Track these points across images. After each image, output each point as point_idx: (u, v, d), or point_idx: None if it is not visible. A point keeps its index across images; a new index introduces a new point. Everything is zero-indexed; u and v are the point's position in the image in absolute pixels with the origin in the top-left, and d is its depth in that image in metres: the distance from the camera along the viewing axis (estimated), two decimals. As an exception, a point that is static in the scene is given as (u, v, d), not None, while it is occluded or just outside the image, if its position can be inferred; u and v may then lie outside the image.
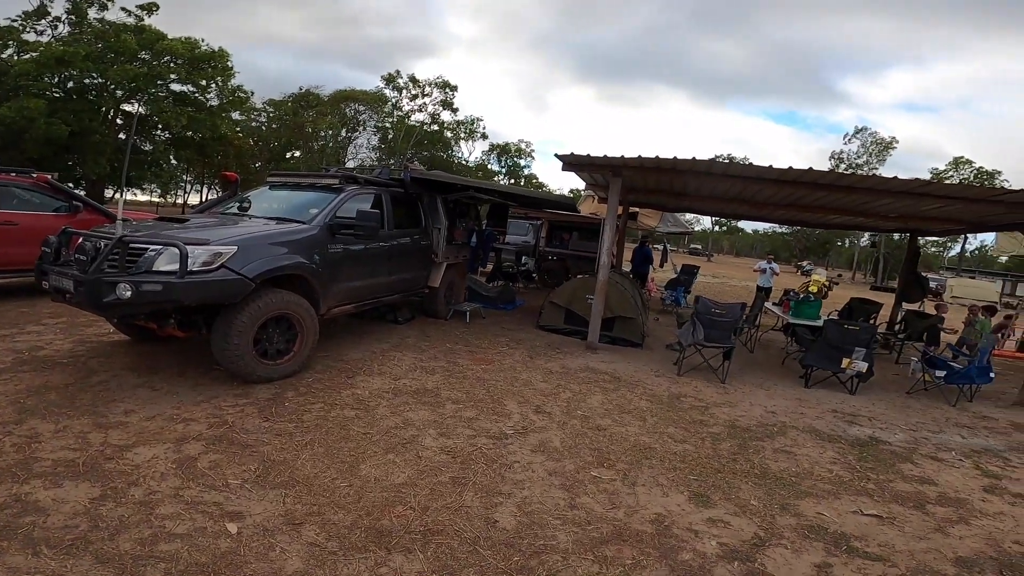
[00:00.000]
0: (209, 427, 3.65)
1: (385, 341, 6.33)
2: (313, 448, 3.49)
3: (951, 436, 5.02)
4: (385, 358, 5.66)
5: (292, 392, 4.39)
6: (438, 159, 48.54)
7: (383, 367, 5.36)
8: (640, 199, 10.87)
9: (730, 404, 5.42)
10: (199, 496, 2.85)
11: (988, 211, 6.44)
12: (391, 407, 4.35)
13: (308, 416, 3.97)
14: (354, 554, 2.52)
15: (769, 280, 13.10)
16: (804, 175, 5.98)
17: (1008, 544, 3.09)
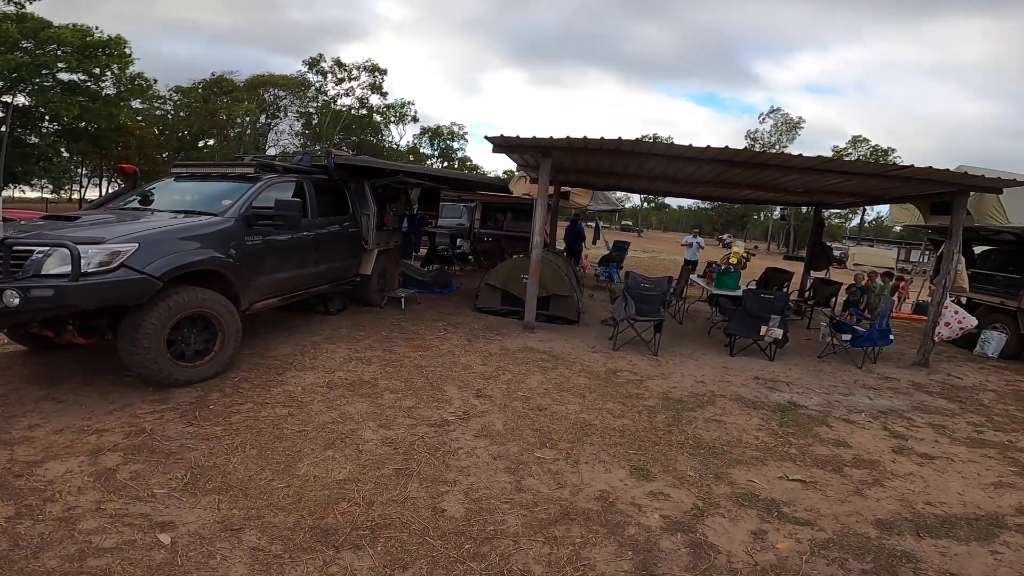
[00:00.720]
0: (126, 436, 3.40)
1: (317, 333, 6.09)
2: (245, 450, 3.33)
3: (860, 398, 5.48)
4: (317, 351, 5.45)
5: (217, 394, 4.15)
6: (368, 144, 47.30)
7: (316, 361, 5.16)
8: (571, 179, 11.00)
9: (663, 376, 5.66)
10: (124, 508, 2.68)
11: (882, 185, 7.03)
12: (326, 402, 4.20)
13: (237, 418, 3.78)
14: (300, 555, 2.45)
15: (695, 253, 13.75)
16: (721, 153, 6.26)
17: (921, 506, 3.35)
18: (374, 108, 48.90)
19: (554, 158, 7.90)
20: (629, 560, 2.61)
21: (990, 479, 3.79)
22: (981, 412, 5.34)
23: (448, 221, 14.25)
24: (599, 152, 7.14)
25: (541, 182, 7.12)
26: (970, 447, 4.38)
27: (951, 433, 4.67)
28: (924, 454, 4.16)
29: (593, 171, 9.38)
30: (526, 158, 8.12)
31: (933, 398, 5.71)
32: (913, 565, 2.71)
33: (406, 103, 52.34)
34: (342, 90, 45.63)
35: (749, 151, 6.10)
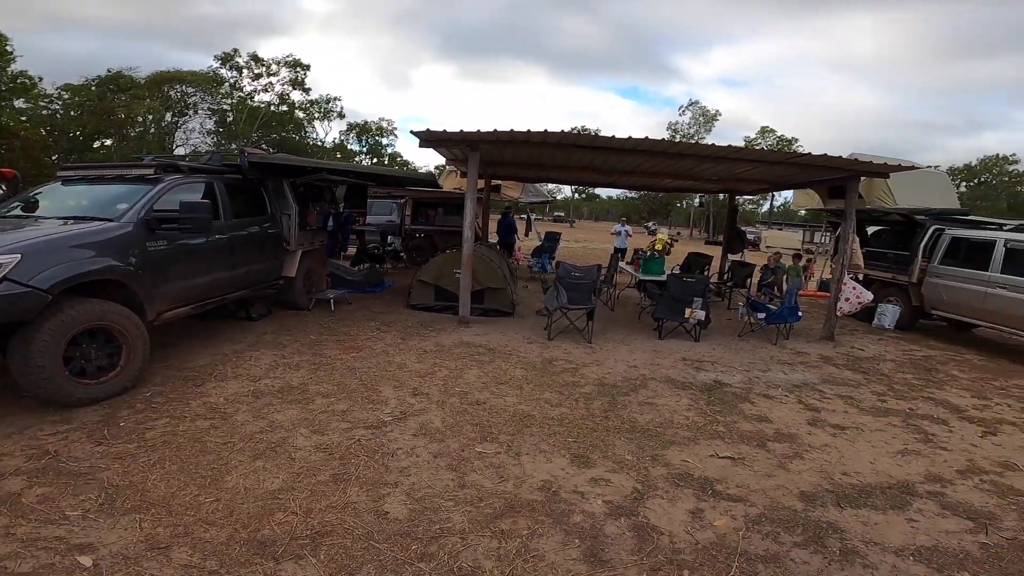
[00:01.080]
0: (28, 460, 3.12)
1: (238, 341, 5.75)
2: (164, 466, 3.14)
3: (776, 373, 5.87)
4: (240, 359, 5.15)
5: (127, 411, 3.86)
6: (290, 141, 45.60)
7: (238, 369, 4.88)
8: (501, 172, 11.03)
9: (597, 363, 5.81)
10: (35, 532, 2.49)
11: (785, 172, 7.56)
12: (253, 411, 4.00)
13: (152, 434, 3.54)
14: (239, 569, 2.34)
15: (624, 241, 14.21)
16: (641, 143, 6.47)
17: (838, 476, 3.60)
18: (296, 104, 47.30)
19: (482, 151, 7.86)
20: (577, 548, 2.65)
21: (897, 447, 4.14)
22: (883, 382, 5.87)
23: (378, 218, 13.90)
24: (526, 144, 7.19)
25: (470, 176, 7.07)
26: (876, 416, 4.80)
27: (858, 403, 5.10)
28: (836, 425, 4.51)
29: (522, 164, 9.43)
30: (454, 152, 8.04)
31: (840, 370, 6.22)
32: (839, 536, 2.89)
33: (331, 99, 51.03)
34: (260, 86, 43.88)
35: (667, 141, 6.36)
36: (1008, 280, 7.30)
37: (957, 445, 4.26)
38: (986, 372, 6.64)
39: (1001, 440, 4.44)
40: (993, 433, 4.58)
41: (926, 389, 5.70)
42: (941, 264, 8.34)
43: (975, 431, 4.60)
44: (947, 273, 8.21)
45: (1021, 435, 4.58)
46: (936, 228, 8.56)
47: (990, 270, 7.56)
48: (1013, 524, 3.12)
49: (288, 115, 46.46)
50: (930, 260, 8.50)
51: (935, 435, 4.43)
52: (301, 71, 44.90)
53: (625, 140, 6.45)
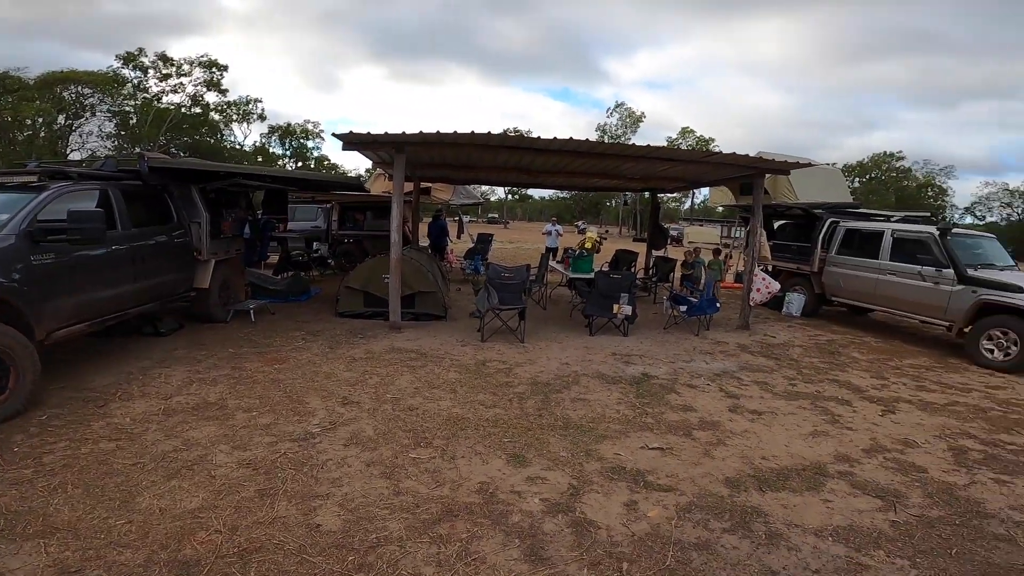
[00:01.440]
0: None
1: (146, 358, 5.33)
2: (67, 490, 2.93)
3: (699, 363, 6.17)
4: (147, 378, 4.79)
5: (21, 435, 3.55)
6: (204, 145, 43.19)
7: (146, 388, 4.54)
8: (430, 174, 10.91)
9: (530, 362, 5.87)
10: None
11: (700, 170, 8.00)
12: (164, 430, 3.75)
13: (51, 457, 3.28)
14: None
15: (555, 241, 14.46)
16: (566, 144, 6.62)
17: (758, 461, 3.80)
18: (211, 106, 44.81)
19: (409, 153, 7.74)
20: (517, 548, 2.66)
21: (808, 429, 4.44)
22: (793, 367, 6.32)
23: (301, 224, 13.38)
24: (454, 146, 7.16)
25: (396, 178, 6.93)
26: (788, 400, 5.15)
27: (772, 388, 5.46)
28: (754, 410, 4.79)
29: (451, 165, 9.38)
30: (380, 155, 7.87)
31: (755, 357, 6.65)
32: (763, 519, 3.04)
33: (251, 100, 49.19)
34: (168, 87, 41.19)
35: (588, 142, 6.54)
36: (896, 267, 8.11)
37: (860, 425, 4.63)
38: (882, 353, 7.33)
39: (899, 418, 4.86)
40: (892, 411, 5.01)
41: (831, 372, 6.21)
42: (838, 254, 9.13)
43: (875, 410, 5.02)
44: (843, 262, 9.00)
45: (917, 412, 5.03)
46: (832, 221, 9.35)
47: (880, 258, 8.36)
48: (919, 501, 3.35)
49: (201, 117, 43.82)
50: (828, 251, 9.28)
51: (841, 416, 4.81)
52: (217, 72, 42.78)
53: (550, 141, 6.57)
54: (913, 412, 5.03)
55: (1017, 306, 6.58)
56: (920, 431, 4.55)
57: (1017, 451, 4.23)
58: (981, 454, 4.13)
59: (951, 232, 7.65)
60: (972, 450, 4.20)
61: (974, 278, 7.12)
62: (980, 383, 6.15)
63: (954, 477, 3.71)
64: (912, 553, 2.78)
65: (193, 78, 41.98)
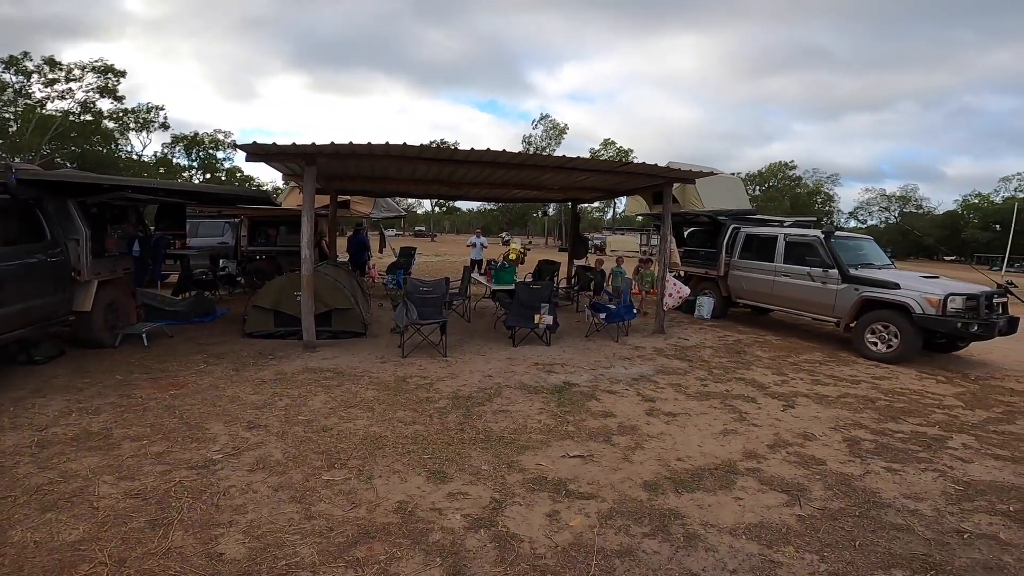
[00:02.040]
0: None
1: (19, 388, 4.77)
2: None
3: (618, 369, 6.32)
4: (20, 408, 4.30)
5: None
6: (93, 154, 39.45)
7: (17, 419, 4.08)
8: (348, 187, 10.55)
9: (452, 376, 5.76)
10: None
11: (615, 180, 8.31)
12: (38, 462, 3.41)
13: None
14: None
15: (480, 253, 14.44)
16: (483, 155, 6.64)
17: (674, 462, 3.89)
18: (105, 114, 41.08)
19: (321, 165, 7.45)
20: (439, 567, 2.57)
21: (718, 428, 4.63)
22: (704, 367, 6.64)
23: (206, 240, 12.51)
24: (370, 158, 6.96)
25: (306, 191, 6.63)
26: (700, 400, 5.38)
27: (685, 390, 5.69)
28: (669, 412, 4.95)
29: (367, 177, 9.12)
30: (290, 167, 7.49)
31: (670, 360, 6.93)
32: (681, 521, 3.10)
33: (152, 108, 45.79)
34: (54, 92, 37.49)
35: (507, 153, 6.59)
36: (788, 269, 8.80)
37: (765, 421, 4.88)
38: (782, 350, 7.89)
39: (798, 412, 5.17)
40: (792, 406, 5.34)
41: (737, 371, 6.58)
42: (740, 258, 9.80)
43: (777, 406, 5.33)
44: (745, 266, 9.66)
45: (814, 406, 5.38)
46: (734, 227, 10.03)
47: (775, 261, 9.06)
48: (820, 494, 3.46)
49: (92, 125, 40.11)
50: (732, 255, 9.93)
51: (747, 413, 5.07)
52: (113, 77, 39.42)
53: (468, 152, 6.56)
54: (810, 406, 5.36)
55: (895, 301, 7.33)
56: (817, 424, 4.84)
57: (904, 439, 4.54)
58: (872, 444, 4.40)
59: (834, 235, 8.43)
60: (864, 440, 4.47)
61: (856, 277, 7.87)
62: (867, 375, 6.72)
63: (850, 468, 3.92)
64: (819, 547, 2.90)
65: (84, 84, 38.64)
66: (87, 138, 40.33)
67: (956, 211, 64.05)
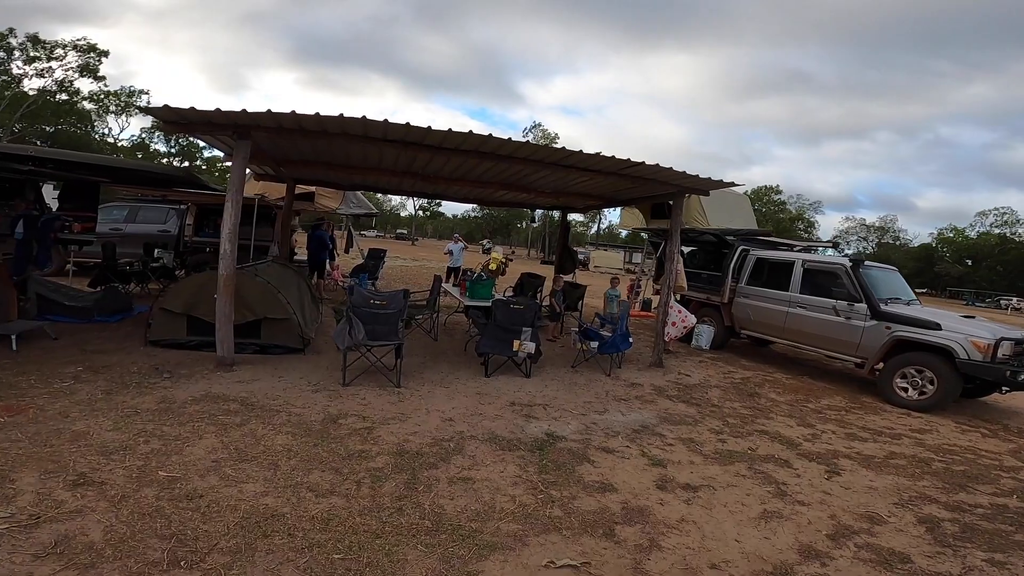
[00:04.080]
0: None
1: None
2: None
3: (614, 414, 5.05)
4: None
5: None
6: (65, 135, 37.44)
7: None
8: (306, 174, 9.15)
9: (402, 417, 4.44)
10: None
11: (618, 185, 7.11)
12: None
13: None
14: None
15: (458, 260, 13.12)
16: (467, 140, 5.39)
17: (707, 571, 2.72)
18: (80, 93, 39.39)
19: (261, 142, 6.14)
20: None
21: (756, 509, 3.46)
22: (716, 414, 5.43)
23: (145, 227, 11.01)
24: (322, 136, 5.63)
25: (234, 171, 5.30)
26: (722, 464, 4.17)
27: (700, 448, 4.47)
28: (686, 485, 3.72)
29: (326, 163, 7.77)
30: (224, 140, 6.11)
31: (674, 403, 5.70)
32: None
33: (135, 91, 43.91)
34: (33, 70, 35.91)
35: (493, 138, 5.34)
36: (806, 300, 7.69)
37: (811, 495, 3.78)
38: (798, 392, 6.75)
39: (848, 480, 4.11)
40: (836, 472, 4.26)
41: (756, 420, 5.40)
42: (748, 284, 8.68)
43: (819, 472, 4.22)
44: (753, 293, 8.55)
45: (862, 471, 4.33)
46: (743, 249, 8.93)
47: (790, 290, 7.95)
48: None
49: (67, 105, 38.11)
50: (738, 281, 8.82)
51: (786, 484, 3.92)
52: (94, 57, 37.54)
53: (444, 133, 5.28)
54: (858, 471, 4.32)
55: (935, 344, 6.25)
56: (877, 498, 3.82)
57: (988, 516, 3.69)
58: (954, 524, 3.51)
59: (863, 264, 7.35)
60: (943, 520, 3.55)
61: (888, 313, 6.79)
62: (903, 426, 5.73)
63: (945, 565, 2.99)
64: None
65: (65, 63, 36.78)
66: (62, 117, 38.51)
67: (931, 244, 65.02)
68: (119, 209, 11.47)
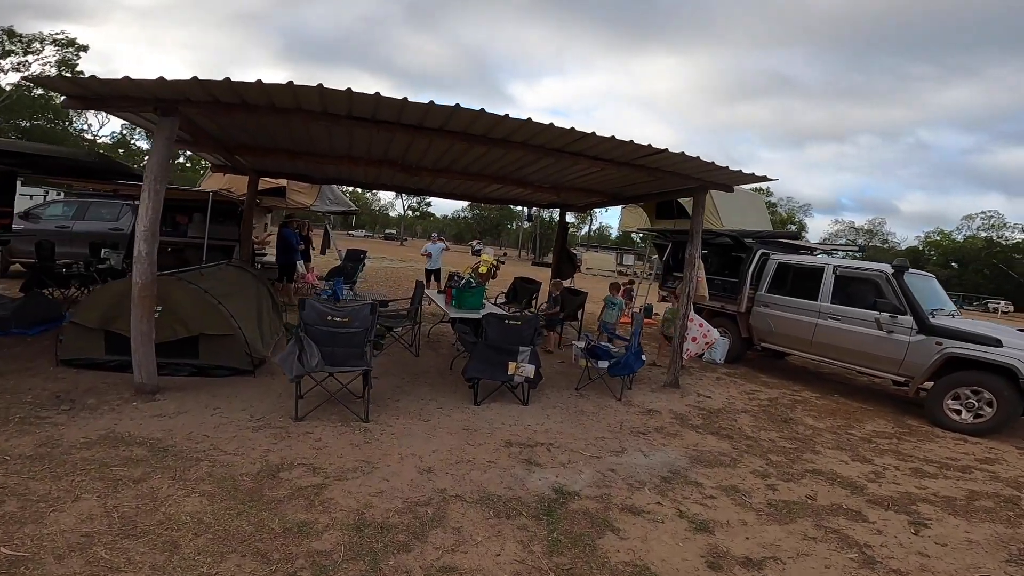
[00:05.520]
0: None
1: None
2: None
3: (634, 455, 4.07)
4: None
5: None
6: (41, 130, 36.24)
7: None
8: (268, 165, 8.05)
9: (366, 467, 3.43)
10: None
11: (631, 178, 6.15)
12: None
13: None
14: None
15: (437, 262, 12.10)
16: (454, 117, 4.39)
17: None
18: None
19: (195, 119, 5.13)
20: None
21: None
22: (754, 450, 4.48)
23: (93, 225, 9.86)
24: (271, 112, 4.58)
25: (155, 154, 4.23)
26: (781, 522, 3.24)
27: (748, 498, 3.54)
28: (746, 560, 2.79)
29: (286, 151, 6.72)
30: (148, 118, 5.00)
31: (702, 435, 4.73)
32: None
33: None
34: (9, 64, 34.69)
35: (489, 115, 4.31)
36: (839, 311, 6.79)
37: (905, 558, 2.95)
38: (836, 416, 5.83)
39: (939, 534, 3.29)
40: (923, 524, 3.41)
41: (803, 456, 4.46)
42: (768, 292, 7.78)
43: (902, 525, 3.37)
44: (775, 302, 7.64)
45: (950, 519, 3.52)
46: (763, 252, 8.03)
47: (819, 299, 7.05)
48: None
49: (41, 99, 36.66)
50: (757, 288, 7.92)
51: (870, 546, 3.06)
52: (73, 52, 36.26)
53: (427, 107, 4.25)
54: (945, 520, 3.50)
55: (995, 363, 5.37)
56: (983, 555, 3.06)
57: None
58: None
59: (907, 271, 6.46)
60: None
61: (938, 328, 5.90)
62: (965, 455, 4.95)
63: None
64: None
65: (42, 57, 35.31)
66: (38, 112, 37.11)
67: (918, 247, 65.04)
68: (68, 205, 10.35)
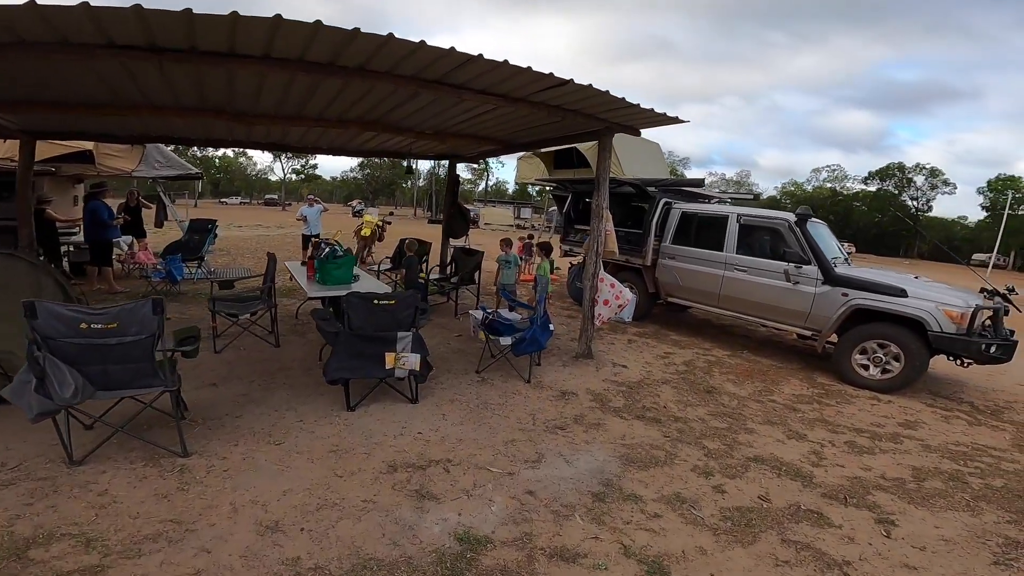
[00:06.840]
0: None
1: None
2: None
3: (555, 466, 3.26)
4: None
5: None
6: None
7: None
8: (37, 124, 5.84)
9: (175, 532, 2.27)
10: None
11: (529, 120, 5.15)
12: None
13: None
14: None
15: (316, 227, 10.49)
16: (278, 39, 3.04)
17: None
18: None
19: None
20: None
21: None
22: (687, 436, 3.90)
23: None
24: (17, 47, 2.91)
25: None
26: (744, 542, 2.62)
27: (697, 510, 2.89)
28: None
29: (51, 102, 4.79)
30: None
31: (628, 423, 4.06)
32: None
33: None
34: None
35: (336, 32, 3.04)
36: (744, 261, 6.50)
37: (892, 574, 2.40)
38: (753, 379, 5.52)
39: (910, 532, 2.87)
40: (890, 522, 2.97)
41: (737, 439, 3.96)
42: (673, 243, 7.36)
43: (870, 527, 2.89)
44: (680, 254, 7.25)
45: (911, 511, 3.11)
46: (666, 202, 7.56)
47: (724, 250, 6.72)
48: None
49: None
50: (662, 239, 7.48)
51: (849, 563, 2.53)
52: None
53: (231, 22, 2.87)
54: (909, 513, 3.09)
55: (903, 314, 5.28)
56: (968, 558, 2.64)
57: None
58: None
59: (810, 220, 6.24)
60: None
61: (844, 277, 5.74)
62: (885, 418, 4.70)
63: None
64: None
65: None
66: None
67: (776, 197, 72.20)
68: None
